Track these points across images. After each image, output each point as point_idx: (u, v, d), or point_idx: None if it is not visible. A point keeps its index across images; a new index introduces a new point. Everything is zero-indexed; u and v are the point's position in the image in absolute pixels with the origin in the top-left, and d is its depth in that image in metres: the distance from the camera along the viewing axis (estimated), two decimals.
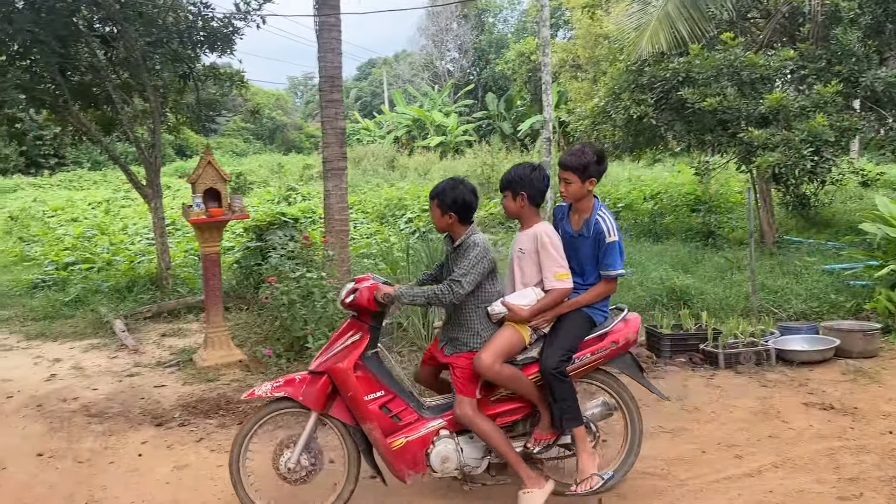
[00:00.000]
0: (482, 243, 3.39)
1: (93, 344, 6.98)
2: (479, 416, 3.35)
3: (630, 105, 9.80)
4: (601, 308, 3.53)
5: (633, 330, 3.52)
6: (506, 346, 3.35)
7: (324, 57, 8.13)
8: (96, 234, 14.73)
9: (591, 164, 3.47)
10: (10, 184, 29.00)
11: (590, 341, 3.48)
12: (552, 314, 3.43)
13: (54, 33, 7.73)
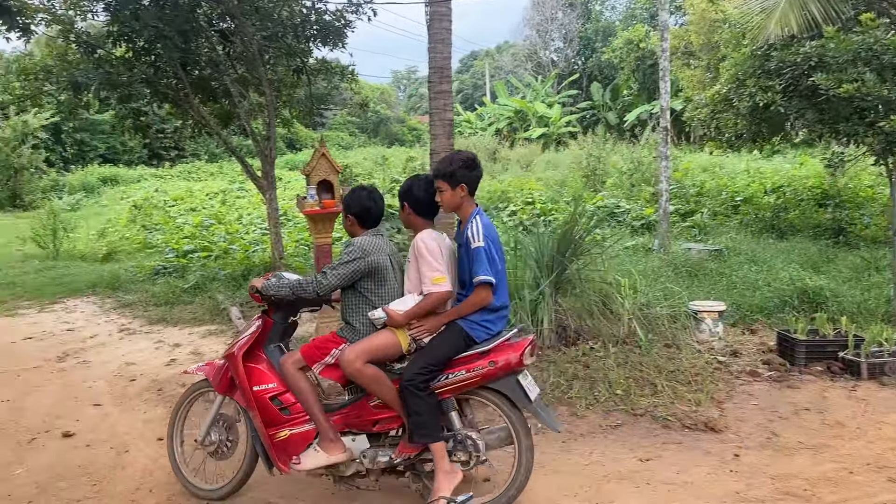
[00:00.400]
0: (360, 244, 3.47)
1: (210, 330, 7.22)
2: (297, 375, 3.42)
3: (756, 92, 9.13)
4: (482, 323, 3.36)
5: (516, 351, 3.31)
6: (374, 347, 3.35)
7: (434, 48, 8.05)
8: (213, 223, 15.39)
9: (458, 171, 3.42)
10: (134, 174, 30.87)
11: (468, 358, 3.33)
12: (432, 324, 3.36)
13: (177, 28, 8.03)
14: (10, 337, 7.27)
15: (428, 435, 3.27)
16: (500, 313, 3.42)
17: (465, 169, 3.44)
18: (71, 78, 8.10)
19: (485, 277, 3.25)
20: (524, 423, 3.38)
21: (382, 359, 3.37)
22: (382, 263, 3.48)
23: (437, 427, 3.31)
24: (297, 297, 3.51)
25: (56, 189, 25.50)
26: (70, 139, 33.06)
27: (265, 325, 3.70)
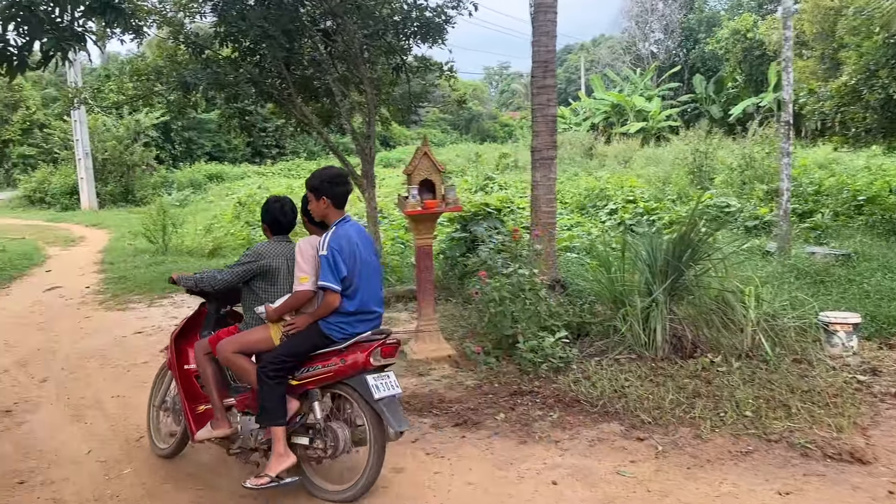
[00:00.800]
0: (257, 249, 3.99)
1: None
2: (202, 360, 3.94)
3: (889, 83, 8.38)
4: (336, 324, 3.68)
5: (364, 352, 3.62)
6: (247, 340, 3.84)
7: (538, 41, 7.77)
8: None
9: (322, 185, 3.77)
10: (238, 171, 32.03)
11: (325, 355, 3.69)
12: (301, 322, 3.70)
13: (282, 28, 8.08)
14: (122, 331, 7.52)
15: (270, 419, 3.65)
16: (357, 317, 3.74)
17: (328, 184, 3.78)
18: (180, 78, 8.32)
19: (323, 283, 3.63)
20: (379, 421, 3.59)
21: (255, 351, 3.82)
22: (275, 266, 3.89)
23: (279, 413, 3.65)
24: (199, 288, 4.05)
25: (165, 185, 26.77)
26: (179, 137, 34.69)
27: (200, 314, 4.33)
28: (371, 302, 3.82)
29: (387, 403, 3.59)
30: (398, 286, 8.55)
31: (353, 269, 3.69)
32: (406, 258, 10.28)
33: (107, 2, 5.84)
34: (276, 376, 3.62)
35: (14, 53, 5.75)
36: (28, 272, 11.63)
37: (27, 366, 6.37)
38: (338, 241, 3.67)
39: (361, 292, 3.74)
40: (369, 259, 3.85)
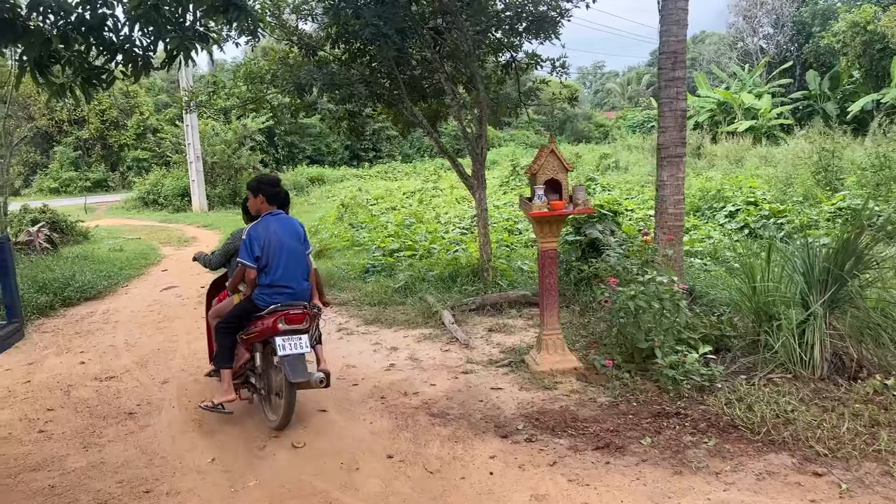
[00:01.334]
0: (236, 233, 5.22)
1: (424, 334, 6.97)
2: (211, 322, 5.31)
3: None
4: (260, 295, 4.75)
5: (272, 318, 4.62)
6: (221, 307, 5.23)
7: (667, 30, 7.25)
8: (414, 222, 15.55)
9: (260, 185, 4.93)
10: (338, 174, 32.62)
11: (257, 320, 4.78)
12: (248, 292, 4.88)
13: (395, 26, 7.91)
14: None
15: (220, 362, 5.00)
16: (274, 289, 4.76)
17: (264, 185, 4.94)
18: (295, 80, 8.28)
19: (239, 259, 4.76)
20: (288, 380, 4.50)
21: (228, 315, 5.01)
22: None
23: (226, 359, 4.95)
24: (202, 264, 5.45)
25: None
26: (282, 141, 35.76)
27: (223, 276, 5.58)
28: (286, 278, 4.78)
29: (290, 360, 4.52)
30: (510, 290, 8.19)
31: (268, 252, 4.72)
32: (512, 261, 9.92)
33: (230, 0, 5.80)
34: (225, 331, 4.93)
35: (139, 54, 5.79)
36: (145, 271, 12.02)
37: (147, 366, 6.42)
38: (256, 229, 4.76)
39: (276, 270, 4.75)
40: (290, 245, 4.82)
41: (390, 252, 11.62)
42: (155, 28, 5.61)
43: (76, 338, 7.57)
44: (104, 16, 5.50)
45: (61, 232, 15.23)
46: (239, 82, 10.39)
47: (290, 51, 9.96)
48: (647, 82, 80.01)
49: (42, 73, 5.55)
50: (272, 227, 4.77)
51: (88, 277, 9.97)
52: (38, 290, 8.96)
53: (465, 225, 15.07)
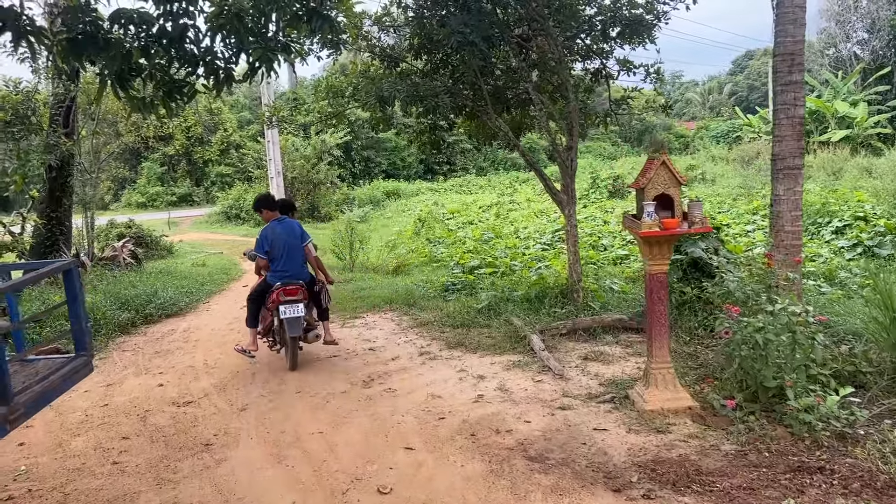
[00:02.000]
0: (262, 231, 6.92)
1: (513, 361, 6.47)
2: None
3: None
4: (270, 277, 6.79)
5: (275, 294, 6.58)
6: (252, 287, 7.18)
7: (782, 30, 6.57)
8: (492, 237, 15.09)
9: (256, 204, 7.20)
10: (413, 188, 32.55)
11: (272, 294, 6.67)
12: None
13: (482, 34, 7.50)
14: (317, 353, 7.22)
15: (248, 324, 6.95)
16: (278, 273, 6.73)
17: (259, 202, 7.14)
18: (378, 92, 7.98)
19: (254, 252, 6.91)
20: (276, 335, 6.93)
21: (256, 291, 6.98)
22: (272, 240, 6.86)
23: (252, 322, 6.93)
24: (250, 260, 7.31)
25: (347, 202, 27.64)
26: (358, 156, 36.02)
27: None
28: (286, 265, 6.76)
29: (289, 321, 6.47)
30: (603, 313, 7.60)
31: (274, 247, 6.76)
32: (601, 280, 9.30)
33: (313, 8, 5.52)
34: (253, 302, 6.89)
35: (221, 67, 5.57)
36: (226, 287, 11.99)
37: (226, 390, 6.17)
38: (265, 231, 6.85)
39: (280, 261, 6.76)
40: (289, 241, 6.78)
41: (470, 269, 11.19)
42: (237, 39, 5.37)
43: (156, 357, 7.43)
44: (185, 27, 5.30)
45: (146, 247, 15.53)
46: (319, 97, 10.23)
47: (371, 64, 9.74)
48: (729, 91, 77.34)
49: (123, 88, 5.39)
50: (277, 229, 6.85)
51: (170, 294, 9.95)
52: (120, 307, 8.94)
53: (546, 240, 14.50)
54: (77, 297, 3.31)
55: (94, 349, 7.82)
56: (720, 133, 48.57)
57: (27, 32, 5.01)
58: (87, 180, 13.06)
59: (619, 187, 23.78)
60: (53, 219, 11.35)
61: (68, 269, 3.32)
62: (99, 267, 11.13)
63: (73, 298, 3.30)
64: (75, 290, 3.30)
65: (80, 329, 3.39)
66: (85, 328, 3.41)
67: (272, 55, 5.44)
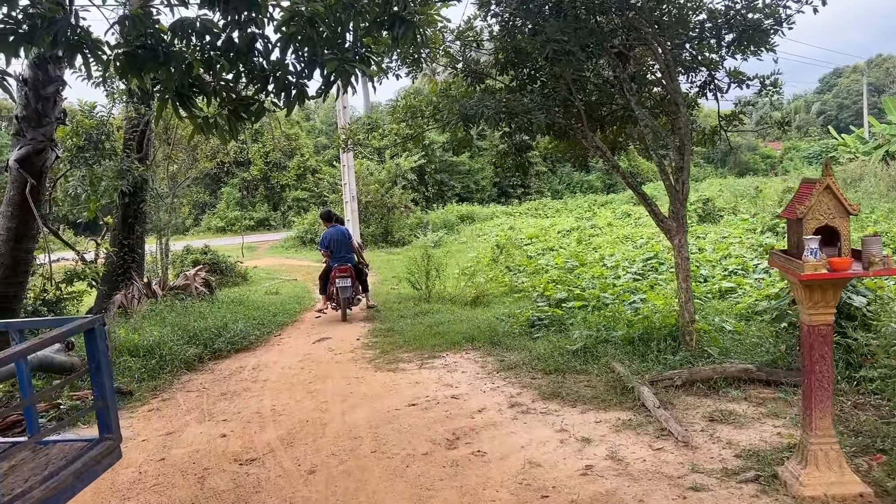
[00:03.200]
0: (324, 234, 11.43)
1: (622, 420, 5.52)
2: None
3: None
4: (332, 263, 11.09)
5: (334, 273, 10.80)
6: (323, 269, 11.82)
7: None
8: (576, 265, 14.09)
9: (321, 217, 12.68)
10: (487, 212, 31.78)
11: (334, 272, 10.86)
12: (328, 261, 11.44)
13: (580, 43, 6.68)
14: (395, 401, 6.46)
15: (321, 292, 11.53)
16: (335, 259, 11.00)
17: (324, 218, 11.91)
18: (462, 110, 7.25)
19: (321, 248, 11.47)
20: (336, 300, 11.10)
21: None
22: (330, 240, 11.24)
23: (323, 290, 11.34)
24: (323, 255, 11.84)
25: (420, 226, 27.11)
26: (432, 180, 35.59)
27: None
28: (338, 255, 10.96)
29: (341, 288, 10.67)
30: (724, 361, 6.54)
31: (331, 244, 10.98)
32: (708, 317, 8.20)
33: (395, 13, 4.83)
34: (322, 279, 11.18)
35: (292, 82, 4.94)
36: (299, 317, 11.47)
37: (293, 445, 5.46)
38: (327, 233, 11.18)
39: (336, 252, 10.96)
40: (341, 240, 11.04)
41: (557, 302, 10.24)
42: (310, 50, 4.72)
43: (221, 400, 6.83)
44: (253, 37, 4.69)
45: (221, 273, 15.27)
46: (397, 118, 9.64)
47: (453, 82, 9.07)
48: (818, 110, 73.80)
49: (184, 105, 4.81)
50: (333, 233, 11.12)
51: (240, 327, 9.43)
52: (187, 342, 8.46)
53: (637, 269, 13.39)
54: (101, 366, 2.61)
55: (159, 388, 7.33)
56: (812, 154, 46.03)
57: (80, 45, 4.52)
58: (160, 206, 12.85)
59: (710, 210, 22.30)
60: (126, 246, 11.11)
61: (90, 329, 2.64)
62: (170, 296, 10.77)
63: (97, 366, 2.62)
64: (98, 356, 2.61)
65: (105, 406, 2.69)
66: (110, 404, 2.70)
67: (349, 67, 4.75)
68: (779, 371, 6.28)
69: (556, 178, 42.15)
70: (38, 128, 7.79)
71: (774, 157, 52.17)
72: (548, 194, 39.63)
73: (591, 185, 41.64)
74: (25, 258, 8.04)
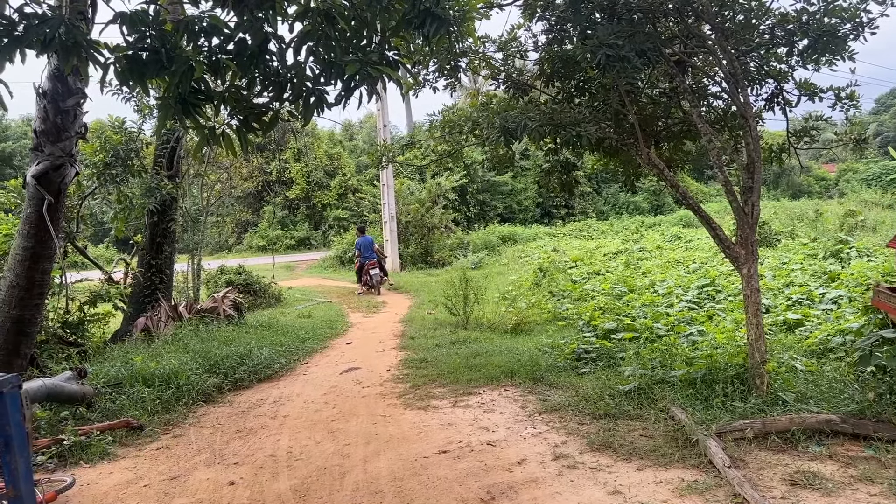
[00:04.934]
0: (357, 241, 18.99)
1: (686, 481, 4.73)
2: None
3: None
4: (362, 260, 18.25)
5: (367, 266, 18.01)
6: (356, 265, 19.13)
7: None
8: (625, 291, 13.25)
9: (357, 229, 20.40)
10: (530, 232, 31.01)
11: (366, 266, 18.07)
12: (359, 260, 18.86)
13: (636, 48, 5.98)
14: (423, 446, 5.77)
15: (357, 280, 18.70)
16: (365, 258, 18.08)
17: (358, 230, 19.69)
18: (503, 123, 6.60)
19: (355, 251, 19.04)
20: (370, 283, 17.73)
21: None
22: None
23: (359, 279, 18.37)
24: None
25: (461, 247, 26.48)
26: (473, 199, 35.02)
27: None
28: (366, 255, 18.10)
29: (372, 275, 17.77)
30: (802, 410, 5.70)
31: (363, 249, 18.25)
32: (775, 354, 7.34)
33: (426, 9, 4.22)
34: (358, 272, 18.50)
35: (310, 88, 4.37)
36: (329, 343, 10.89)
37: (306, 499, 4.82)
38: (359, 241, 18.61)
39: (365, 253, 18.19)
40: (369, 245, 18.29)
41: (605, 333, 9.45)
42: (325, 49, 4.14)
43: (235, 439, 6.24)
44: (266, 36, 4.14)
45: (254, 294, 14.85)
46: (434, 134, 9.07)
47: (494, 95, 8.48)
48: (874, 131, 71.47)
49: (189, 114, 4.29)
50: (363, 240, 18.33)
51: (265, 354, 8.87)
52: (207, 370, 7.93)
53: (692, 297, 12.49)
54: (11, 442, 1.96)
55: (172, 422, 6.79)
56: (871, 176, 44.12)
57: (76, 47, 4.02)
58: (188, 225, 12.49)
59: (767, 234, 21.15)
60: (153, 266, 10.72)
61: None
62: (196, 320, 10.31)
63: (6, 442, 1.97)
64: (9, 431, 1.97)
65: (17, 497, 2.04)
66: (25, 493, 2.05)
67: (373, 70, 4.15)
68: (867, 423, 5.41)
69: (601, 199, 41.18)
70: (56, 143, 7.40)
71: (829, 179, 50.35)
72: (593, 215, 38.70)
73: (637, 206, 40.52)
74: (42, 279, 7.63)
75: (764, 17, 6.92)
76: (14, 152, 41.63)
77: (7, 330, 7.47)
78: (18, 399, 2.04)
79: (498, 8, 7.67)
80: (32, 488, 2.08)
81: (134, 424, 6.46)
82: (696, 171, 45.91)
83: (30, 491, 2.00)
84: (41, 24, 3.94)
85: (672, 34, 7.32)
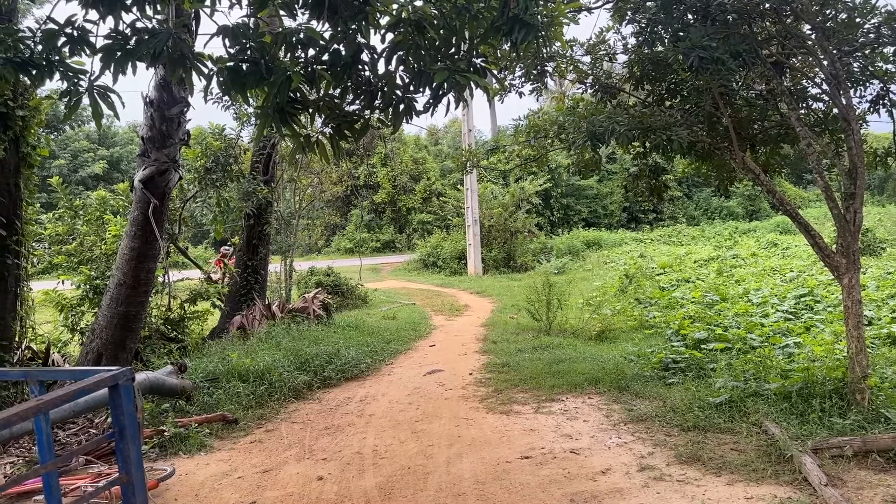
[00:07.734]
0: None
1: (779, 498, 4.55)
2: None
3: None
4: None
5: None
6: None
7: None
8: (717, 299, 12.82)
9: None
10: (615, 238, 30.42)
11: None
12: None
13: (731, 50, 5.81)
14: (506, 451, 5.79)
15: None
16: None
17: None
18: (589, 127, 6.55)
19: None
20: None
21: None
22: None
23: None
24: None
25: (544, 252, 26.29)
26: (557, 204, 34.71)
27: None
28: None
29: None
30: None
31: None
32: (879, 369, 6.93)
33: (515, 16, 4.26)
34: None
35: (399, 96, 4.49)
36: (414, 345, 11.06)
37: (391, 497, 4.94)
38: None
39: None
40: None
41: (695, 343, 9.19)
42: (415, 58, 4.25)
43: (324, 435, 6.45)
44: (359, 47, 4.29)
45: (342, 295, 15.25)
46: (519, 139, 9.08)
47: (581, 99, 8.41)
48: None
49: (286, 122, 4.49)
50: None
51: (352, 354, 9.12)
52: (298, 368, 8.23)
53: (788, 307, 11.95)
54: (125, 431, 2.12)
55: (265, 417, 7.08)
56: None
57: (182, 59, 4.29)
58: (281, 227, 12.98)
59: (871, 242, 19.99)
60: (249, 267, 11.20)
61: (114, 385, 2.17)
62: (288, 318, 10.70)
63: (121, 431, 2.13)
64: (123, 421, 2.13)
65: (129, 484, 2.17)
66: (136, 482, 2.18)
67: (461, 78, 4.23)
68: None
69: (691, 204, 39.91)
70: (161, 149, 7.88)
71: None
72: (682, 220, 37.55)
73: (731, 211, 39.01)
74: (147, 277, 8.12)
75: (869, 15, 6.57)
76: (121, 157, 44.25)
77: (114, 325, 8.00)
78: (131, 391, 2.22)
79: (587, 11, 7.62)
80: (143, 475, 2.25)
81: (229, 418, 6.78)
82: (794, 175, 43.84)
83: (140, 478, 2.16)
84: (151, 39, 4.22)
85: (769, 35, 7.08)
